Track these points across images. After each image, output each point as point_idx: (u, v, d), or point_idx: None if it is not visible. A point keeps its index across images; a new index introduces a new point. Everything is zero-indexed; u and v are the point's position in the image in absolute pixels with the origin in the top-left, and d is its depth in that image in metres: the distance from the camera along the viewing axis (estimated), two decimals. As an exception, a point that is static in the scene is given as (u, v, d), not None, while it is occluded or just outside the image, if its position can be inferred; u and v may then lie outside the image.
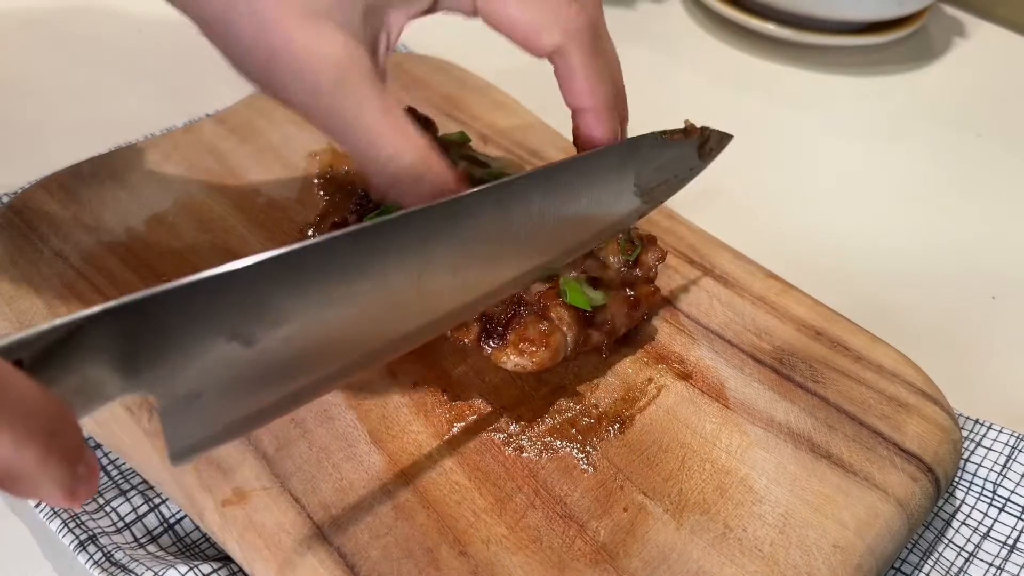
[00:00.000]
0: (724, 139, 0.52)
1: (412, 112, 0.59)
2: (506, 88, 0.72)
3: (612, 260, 0.51)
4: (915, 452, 0.47)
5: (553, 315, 0.46)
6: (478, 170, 0.56)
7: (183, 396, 0.32)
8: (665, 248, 0.52)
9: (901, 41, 0.90)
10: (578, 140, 0.47)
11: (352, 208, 0.52)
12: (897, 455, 0.46)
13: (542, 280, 0.48)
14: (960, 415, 0.53)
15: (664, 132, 0.48)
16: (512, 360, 0.45)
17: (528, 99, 0.70)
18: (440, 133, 0.60)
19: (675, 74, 0.87)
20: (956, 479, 0.51)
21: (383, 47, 0.43)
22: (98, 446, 0.50)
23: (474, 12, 0.44)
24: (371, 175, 0.41)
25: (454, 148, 0.58)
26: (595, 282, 0.49)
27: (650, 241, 0.52)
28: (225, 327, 0.32)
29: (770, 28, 0.88)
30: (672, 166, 0.48)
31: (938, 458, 0.47)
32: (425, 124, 0.58)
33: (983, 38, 0.95)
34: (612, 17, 0.92)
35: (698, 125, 0.50)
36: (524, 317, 0.46)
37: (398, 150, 0.40)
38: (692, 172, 0.50)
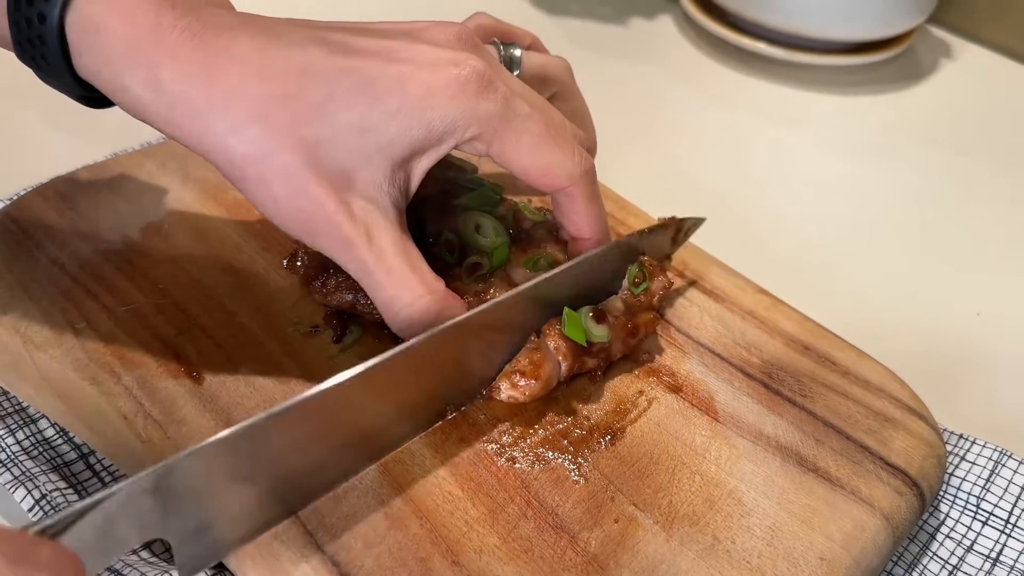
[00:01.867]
0: (697, 223, 0.58)
1: None
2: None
3: (620, 292, 0.52)
4: (901, 466, 0.47)
5: (550, 343, 0.47)
6: (453, 174, 0.57)
7: (194, 530, 0.38)
8: (672, 278, 0.53)
9: (889, 61, 0.91)
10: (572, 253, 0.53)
11: None
12: (883, 469, 0.47)
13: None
14: (945, 430, 0.54)
15: (642, 230, 0.55)
16: (504, 392, 0.47)
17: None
18: None
19: (666, 91, 0.88)
20: (941, 493, 0.52)
21: (405, 193, 0.46)
22: (91, 452, 0.50)
23: (487, 155, 0.48)
24: (393, 320, 0.46)
25: None
26: (599, 313, 0.49)
27: (659, 271, 0.53)
28: (235, 475, 0.39)
29: (760, 47, 0.90)
30: (649, 252, 0.55)
31: (923, 472, 0.48)
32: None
33: (969, 59, 0.96)
34: (604, 34, 0.94)
35: (676, 217, 0.57)
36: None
37: (420, 296, 0.45)
38: (666, 257, 0.58)
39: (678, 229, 0.57)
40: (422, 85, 0.44)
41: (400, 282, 0.44)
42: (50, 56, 0.43)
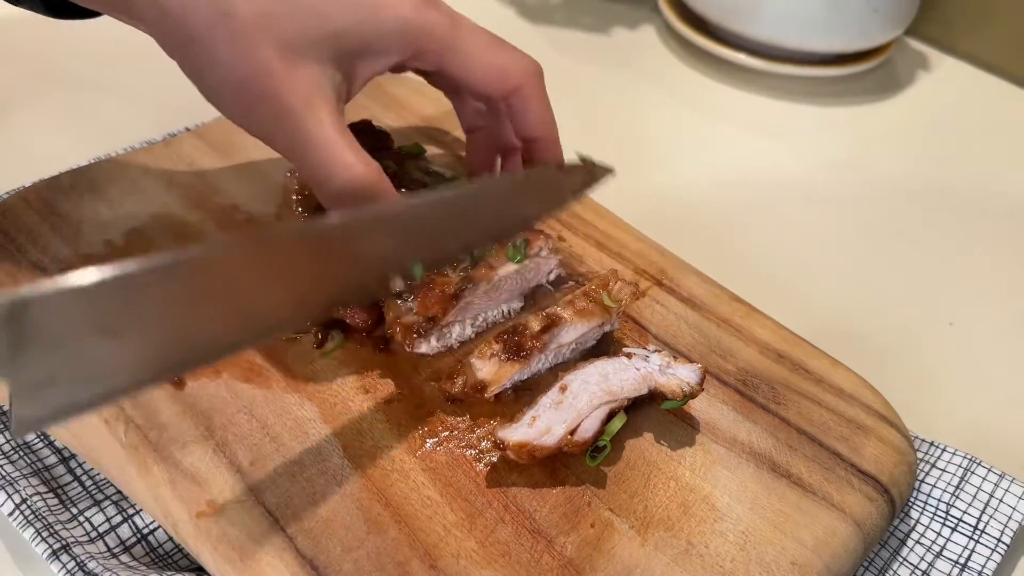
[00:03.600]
0: (606, 172, 0.56)
1: (369, 124, 0.61)
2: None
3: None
4: (872, 473, 0.48)
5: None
6: (431, 179, 0.58)
7: (39, 382, 0.34)
8: (631, 281, 0.55)
9: (867, 73, 0.93)
10: (527, 164, 0.55)
11: None
12: (855, 476, 0.48)
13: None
14: (916, 437, 0.55)
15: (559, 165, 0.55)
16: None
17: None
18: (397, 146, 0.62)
19: (647, 100, 0.89)
20: (911, 499, 0.53)
21: (346, 90, 0.48)
22: (72, 456, 0.50)
23: (440, 69, 0.50)
24: (323, 188, 0.46)
25: (410, 159, 0.60)
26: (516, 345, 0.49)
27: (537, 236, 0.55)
28: (96, 323, 0.34)
29: (740, 57, 0.91)
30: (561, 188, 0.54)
31: (894, 479, 0.49)
32: (381, 136, 0.61)
33: (946, 72, 0.98)
34: (587, 43, 0.95)
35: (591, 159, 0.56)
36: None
37: (353, 164, 0.45)
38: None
39: (589, 173, 0.55)
40: None
41: (338, 153, 0.45)
42: None
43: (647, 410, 0.50)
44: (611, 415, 0.46)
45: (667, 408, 0.49)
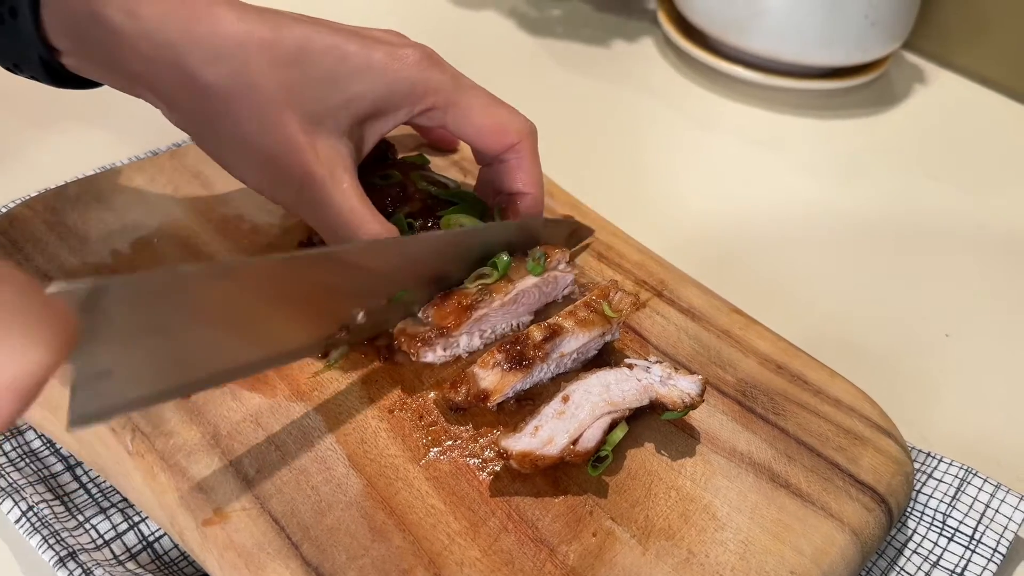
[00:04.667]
0: (589, 233, 0.63)
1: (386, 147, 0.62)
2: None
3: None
4: (869, 483, 0.49)
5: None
6: (436, 189, 0.59)
7: (98, 373, 0.36)
8: (618, 286, 0.55)
9: (864, 86, 0.94)
10: (509, 216, 0.56)
11: None
12: (852, 486, 0.49)
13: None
14: (913, 448, 0.56)
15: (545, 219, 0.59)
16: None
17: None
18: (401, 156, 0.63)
19: (646, 112, 0.90)
20: (908, 509, 0.53)
21: (361, 153, 0.52)
22: (78, 464, 0.51)
23: (443, 126, 0.53)
24: None
25: (414, 169, 0.60)
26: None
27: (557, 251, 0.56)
28: (151, 320, 0.38)
29: (738, 70, 0.92)
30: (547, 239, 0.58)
31: (891, 489, 0.49)
32: (385, 148, 0.62)
33: (942, 85, 0.99)
34: (587, 57, 0.96)
35: (573, 217, 0.63)
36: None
37: (379, 233, 0.49)
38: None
39: (573, 230, 0.62)
40: (385, 53, 0.49)
41: (364, 223, 0.49)
42: (20, 6, 0.46)
43: (648, 420, 0.50)
44: (613, 425, 0.47)
45: (667, 419, 0.49)
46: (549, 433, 0.45)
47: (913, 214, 0.81)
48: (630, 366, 0.49)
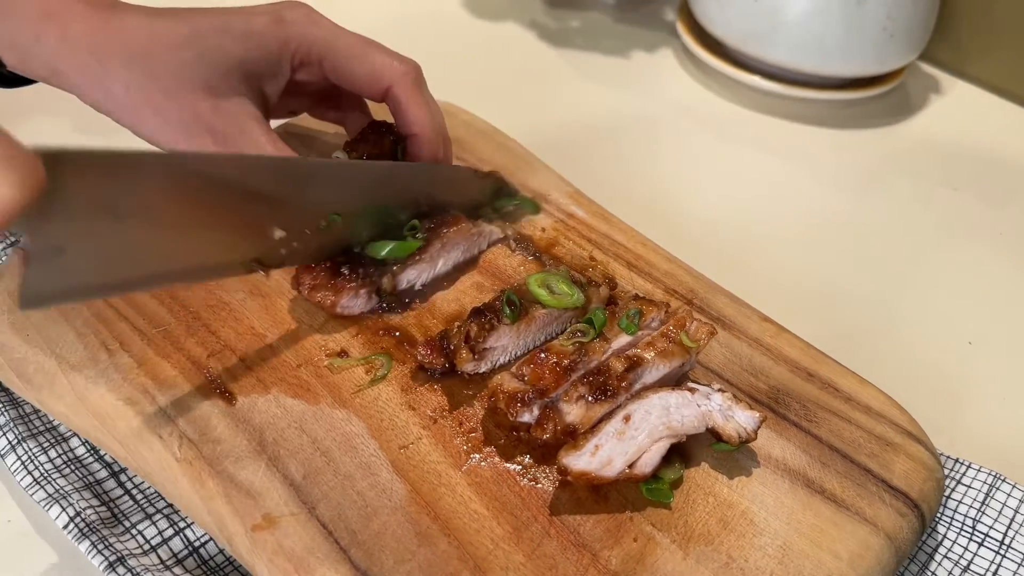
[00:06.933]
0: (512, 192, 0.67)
1: (378, 124, 0.63)
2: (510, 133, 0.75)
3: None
4: (902, 489, 0.50)
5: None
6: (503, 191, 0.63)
7: (53, 248, 0.39)
8: (706, 322, 0.54)
9: (881, 96, 0.94)
10: (408, 159, 0.61)
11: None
12: (886, 491, 0.49)
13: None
14: (941, 454, 0.56)
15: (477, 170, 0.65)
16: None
17: (531, 144, 0.73)
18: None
19: (665, 123, 0.91)
20: (938, 515, 0.54)
21: (268, 107, 0.59)
22: (122, 470, 0.52)
23: (324, 78, 0.59)
24: None
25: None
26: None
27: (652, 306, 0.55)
28: (107, 201, 0.41)
29: (757, 81, 0.93)
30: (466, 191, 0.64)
31: (923, 494, 0.50)
32: (388, 130, 0.62)
33: (957, 95, 1.00)
34: (607, 65, 0.97)
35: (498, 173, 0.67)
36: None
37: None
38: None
39: (500, 186, 0.66)
40: (264, 19, 0.57)
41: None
42: None
43: (684, 427, 0.51)
44: (670, 449, 0.48)
45: (718, 449, 0.50)
46: (608, 454, 0.46)
47: (932, 223, 0.81)
48: (692, 390, 0.49)
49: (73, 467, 0.51)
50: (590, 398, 0.48)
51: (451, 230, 0.58)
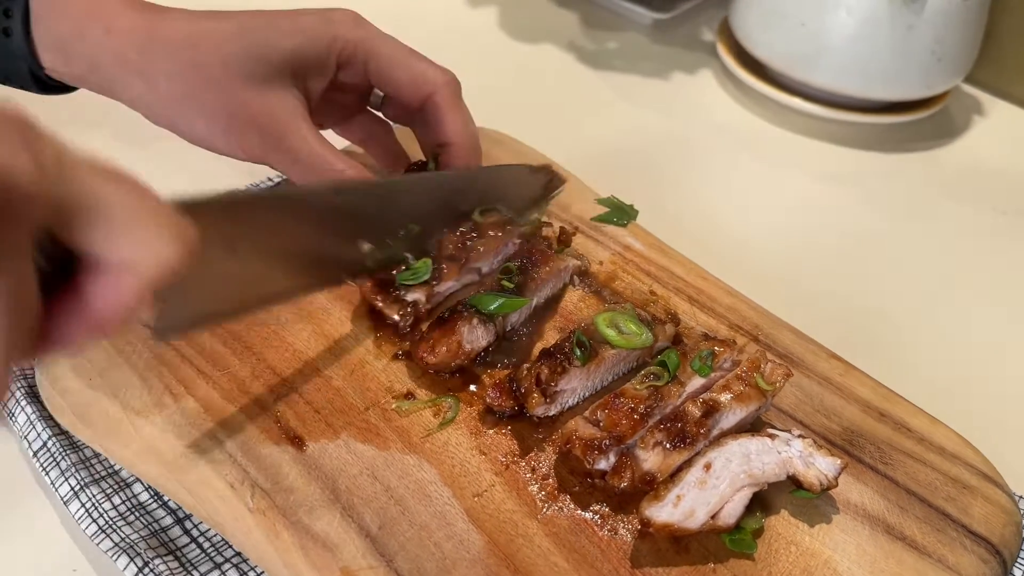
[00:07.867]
0: (561, 183, 0.66)
1: (418, 163, 0.64)
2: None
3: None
4: (983, 534, 0.49)
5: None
6: None
7: (178, 286, 0.38)
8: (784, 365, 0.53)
9: (925, 119, 0.93)
10: (443, 165, 0.61)
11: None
12: (967, 537, 0.48)
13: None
14: (1018, 496, 0.55)
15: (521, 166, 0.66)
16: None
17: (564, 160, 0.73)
18: None
19: (707, 144, 0.90)
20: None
21: (311, 104, 0.58)
22: (187, 516, 0.51)
23: (367, 81, 0.60)
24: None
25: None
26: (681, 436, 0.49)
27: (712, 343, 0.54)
28: (224, 236, 0.42)
29: (800, 104, 0.92)
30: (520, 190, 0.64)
31: (1004, 540, 0.49)
32: (423, 167, 0.63)
33: (1000, 116, 0.99)
34: (647, 87, 0.96)
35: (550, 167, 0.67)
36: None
37: (343, 170, 0.55)
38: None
39: (549, 179, 0.65)
40: (313, 18, 0.57)
41: (323, 159, 0.55)
42: (14, 26, 0.54)
43: (760, 472, 0.50)
44: (752, 497, 0.47)
45: (798, 496, 0.49)
46: (691, 505, 0.45)
47: (982, 249, 0.80)
48: (771, 436, 0.48)
49: (137, 514, 0.50)
50: (668, 445, 0.47)
51: (542, 270, 0.57)
